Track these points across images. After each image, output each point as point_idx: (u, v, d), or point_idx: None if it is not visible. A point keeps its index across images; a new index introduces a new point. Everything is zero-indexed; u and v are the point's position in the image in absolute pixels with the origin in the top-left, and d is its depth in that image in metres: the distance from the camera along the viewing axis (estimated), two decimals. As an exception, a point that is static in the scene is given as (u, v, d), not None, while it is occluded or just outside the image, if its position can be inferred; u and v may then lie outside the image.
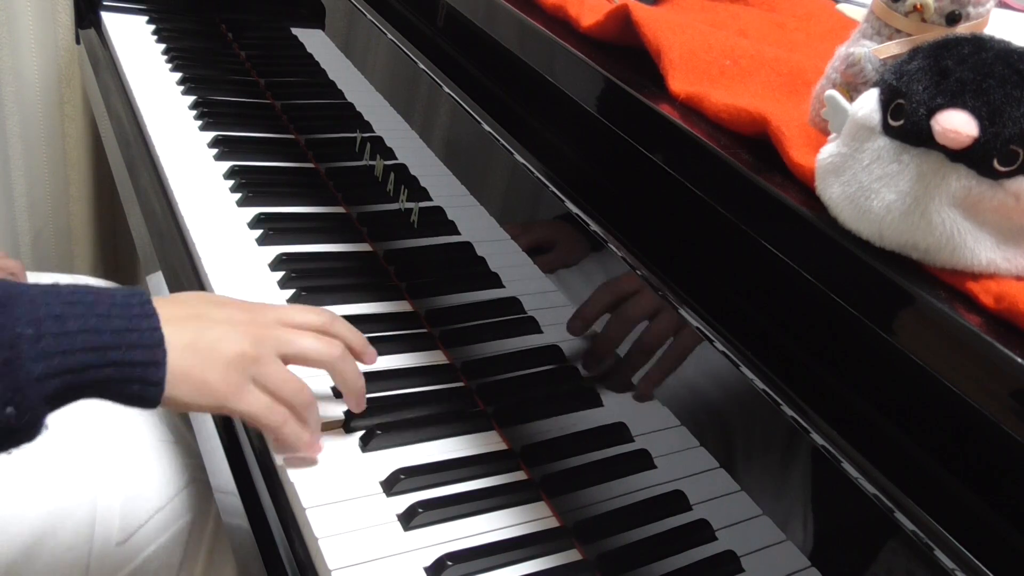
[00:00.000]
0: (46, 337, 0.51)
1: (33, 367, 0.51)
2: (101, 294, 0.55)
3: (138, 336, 0.55)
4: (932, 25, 0.47)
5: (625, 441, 0.61)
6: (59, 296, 0.53)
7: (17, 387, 0.50)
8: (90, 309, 0.54)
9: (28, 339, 0.51)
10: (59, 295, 0.53)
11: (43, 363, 0.51)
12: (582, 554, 0.64)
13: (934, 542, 0.41)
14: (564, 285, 0.67)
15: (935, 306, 0.40)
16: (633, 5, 0.61)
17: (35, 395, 0.51)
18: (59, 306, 0.53)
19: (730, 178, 0.50)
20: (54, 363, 0.51)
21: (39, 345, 0.51)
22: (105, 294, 0.55)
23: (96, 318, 0.53)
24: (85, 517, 0.76)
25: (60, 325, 0.52)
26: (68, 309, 0.53)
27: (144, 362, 0.55)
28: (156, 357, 0.55)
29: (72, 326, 0.52)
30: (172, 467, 0.82)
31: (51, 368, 0.51)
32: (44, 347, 0.51)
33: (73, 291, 0.54)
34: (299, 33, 1.17)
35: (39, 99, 1.50)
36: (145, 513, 0.79)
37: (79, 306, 0.53)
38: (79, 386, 0.53)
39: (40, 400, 0.52)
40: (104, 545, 0.76)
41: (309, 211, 0.98)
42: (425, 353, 0.80)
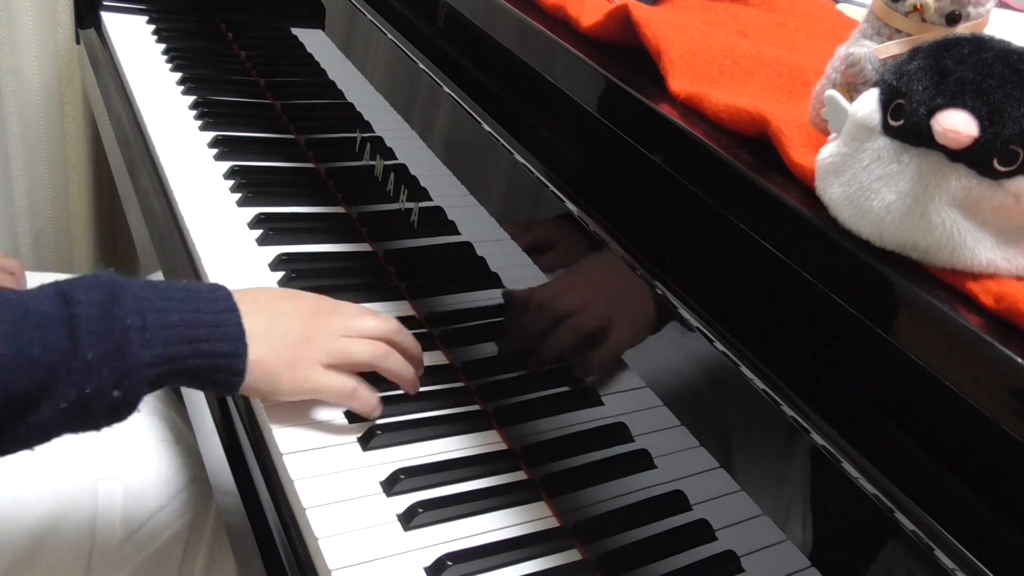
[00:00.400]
0: (151, 328, 0.57)
1: (140, 354, 0.56)
2: (191, 290, 0.61)
3: (224, 331, 0.61)
4: (932, 25, 0.47)
5: (625, 441, 0.61)
6: (157, 291, 0.59)
7: (126, 372, 0.56)
8: (184, 304, 0.59)
9: (136, 329, 0.56)
10: (156, 290, 0.59)
11: (148, 352, 0.57)
12: (582, 554, 0.64)
13: (934, 542, 0.41)
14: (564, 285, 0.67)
15: (935, 306, 0.40)
16: (633, 5, 0.61)
17: (139, 380, 0.57)
18: (159, 300, 0.59)
19: (730, 178, 0.50)
20: (157, 352, 0.57)
21: (145, 335, 0.57)
22: (194, 290, 0.61)
23: (190, 313, 0.59)
24: (86, 516, 0.76)
25: (162, 318, 0.58)
26: (167, 304, 0.59)
27: (229, 353, 0.61)
28: (239, 350, 0.61)
29: (172, 319, 0.58)
30: (173, 466, 0.82)
31: (155, 356, 0.57)
32: (149, 338, 0.57)
33: (167, 287, 0.60)
34: (299, 33, 1.17)
35: (39, 99, 1.50)
36: (146, 512, 0.79)
37: (175, 301, 0.59)
38: (175, 373, 0.59)
39: (143, 384, 0.57)
40: (105, 544, 0.76)
41: (309, 211, 0.98)
42: (425, 353, 0.80)
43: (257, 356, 0.62)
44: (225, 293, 0.62)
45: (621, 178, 0.65)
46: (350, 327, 0.69)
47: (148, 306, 0.57)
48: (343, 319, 0.69)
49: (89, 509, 0.76)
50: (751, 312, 0.53)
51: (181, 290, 0.60)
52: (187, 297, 0.60)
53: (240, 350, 0.61)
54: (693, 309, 0.54)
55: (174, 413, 0.89)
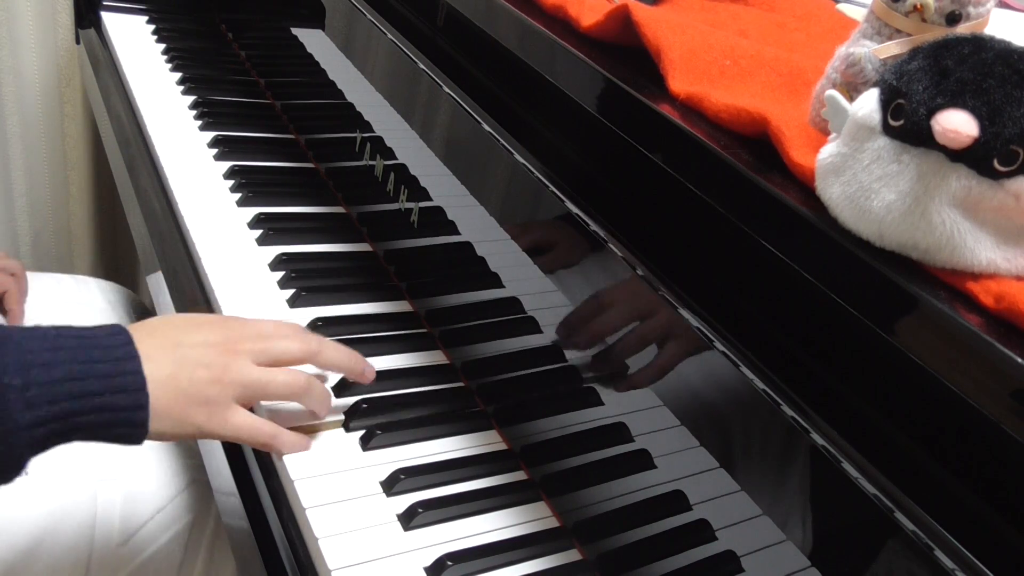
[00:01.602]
0: (33, 386, 0.52)
1: (20, 417, 0.51)
2: (84, 337, 0.56)
3: (121, 380, 0.55)
4: (932, 25, 0.47)
5: (625, 441, 0.61)
6: (45, 341, 0.54)
7: (3, 436, 0.51)
8: (74, 355, 0.54)
9: (16, 389, 0.51)
10: (45, 340, 0.54)
11: (30, 413, 0.52)
12: (582, 554, 0.64)
13: (934, 542, 0.41)
14: (564, 285, 0.67)
15: (935, 306, 0.40)
16: (633, 5, 0.61)
17: (21, 443, 0.52)
18: (45, 352, 0.53)
19: (730, 178, 0.50)
20: (41, 412, 0.52)
21: (27, 395, 0.52)
22: (88, 336, 0.56)
23: (80, 364, 0.54)
24: (85, 518, 0.76)
25: (47, 373, 0.52)
26: (54, 356, 0.53)
27: (128, 406, 0.56)
28: (139, 400, 0.56)
29: (58, 373, 0.53)
30: (172, 468, 0.82)
31: (38, 417, 0.52)
32: (31, 397, 0.52)
33: (57, 335, 0.55)
34: (299, 33, 1.17)
35: (39, 99, 1.50)
36: (146, 514, 0.79)
37: (64, 352, 0.54)
38: (65, 431, 0.54)
39: (25, 447, 0.52)
40: (105, 546, 0.76)
41: (309, 211, 0.98)
42: (425, 353, 0.80)
43: (162, 403, 0.57)
44: (125, 339, 0.57)
45: (621, 178, 0.65)
46: (266, 352, 0.63)
47: (33, 360, 0.52)
48: (257, 345, 0.63)
49: (88, 511, 0.76)
50: (751, 312, 0.53)
51: (73, 338, 0.55)
52: (79, 346, 0.55)
53: (141, 401, 0.56)
54: (693, 309, 0.54)
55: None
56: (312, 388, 0.66)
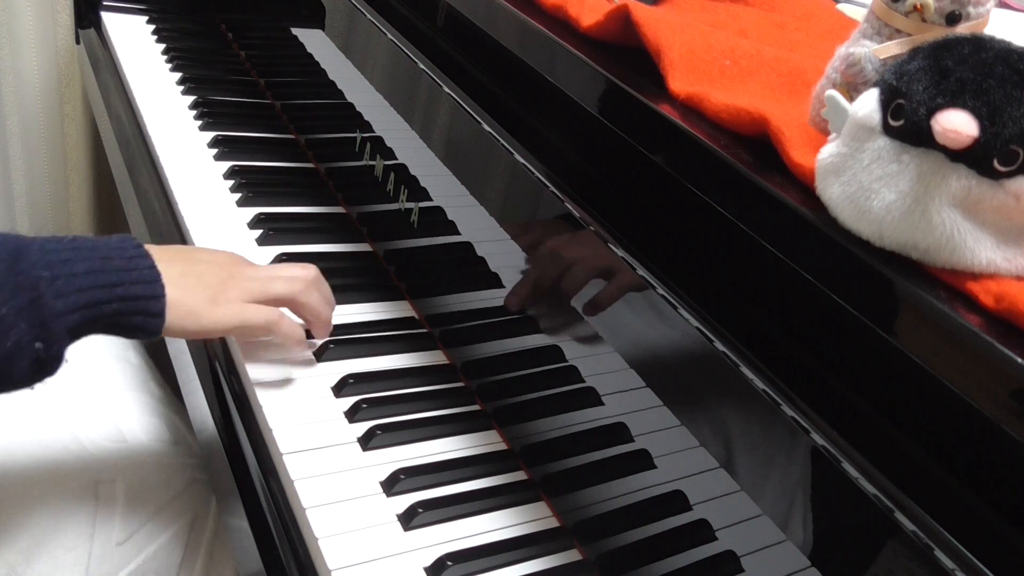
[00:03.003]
0: (60, 278, 0.58)
1: (54, 304, 0.57)
2: (98, 241, 0.62)
3: (137, 274, 0.62)
4: (932, 25, 0.47)
5: (625, 441, 0.61)
6: (62, 243, 0.60)
7: (43, 322, 0.57)
8: (91, 252, 0.60)
9: (46, 280, 0.57)
10: (61, 243, 0.60)
11: (62, 300, 0.57)
12: (582, 554, 0.64)
13: (934, 542, 0.41)
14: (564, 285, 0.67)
15: (935, 306, 0.40)
16: (633, 5, 0.61)
17: (59, 328, 0.57)
18: (65, 251, 0.59)
19: (730, 178, 0.50)
20: (71, 299, 0.58)
21: (56, 285, 0.57)
22: (101, 241, 0.62)
23: (98, 260, 0.60)
24: (86, 516, 0.76)
25: (71, 267, 0.58)
26: (75, 254, 0.59)
27: (145, 296, 0.62)
28: (155, 291, 0.62)
29: (80, 268, 0.59)
30: (172, 467, 0.82)
31: (69, 304, 0.58)
32: (60, 287, 0.58)
33: (72, 239, 0.61)
34: (299, 33, 1.17)
35: (39, 99, 1.50)
36: (145, 513, 0.79)
37: (82, 251, 0.60)
38: (93, 319, 0.59)
39: (63, 333, 0.58)
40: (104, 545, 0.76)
41: (309, 211, 0.98)
42: (425, 353, 0.80)
43: (175, 296, 0.63)
44: (134, 243, 0.63)
45: (621, 178, 0.65)
46: (266, 272, 0.71)
47: (55, 257, 0.58)
48: (260, 267, 0.72)
49: (89, 509, 0.76)
50: (751, 312, 0.53)
51: (88, 241, 0.61)
52: (94, 246, 0.61)
53: (157, 291, 0.62)
54: (693, 309, 0.54)
55: (173, 414, 0.89)
56: (310, 292, 0.72)
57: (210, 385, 0.77)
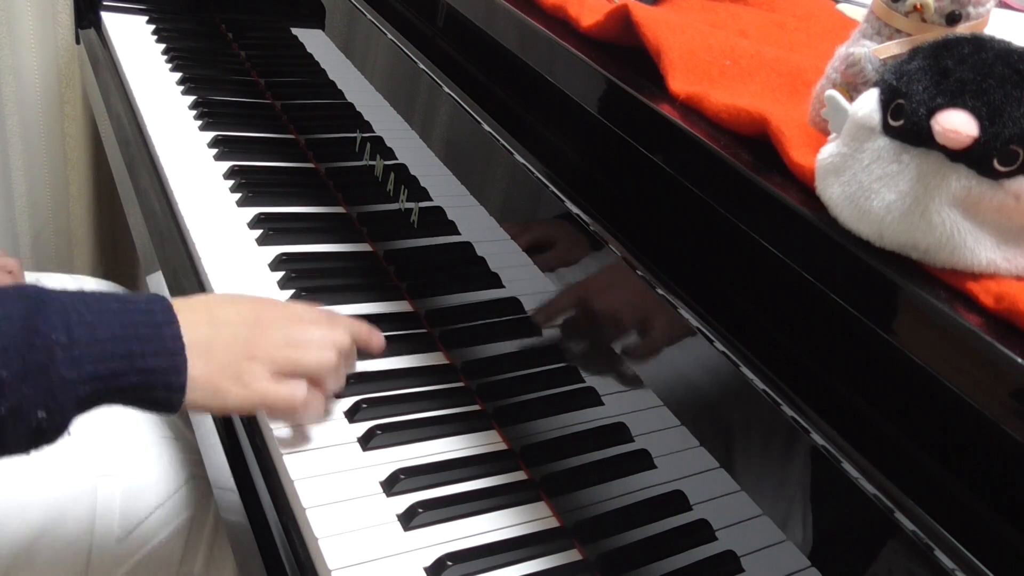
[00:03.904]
0: (78, 344, 0.53)
1: (67, 373, 0.52)
2: (126, 302, 0.57)
3: (161, 344, 0.57)
4: (932, 25, 0.47)
5: (625, 441, 0.61)
6: (88, 304, 0.55)
7: (51, 391, 0.52)
8: (117, 317, 0.55)
9: (62, 346, 0.52)
10: (87, 303, 0.55)
11: (76, 370, 0.53)
12: (582, 554, 0.64)
13: (934, 542, 0.41)
14: (564, 285, 0.67)
15: (935, 306, 0.40)
16: (633, 5, 0.61)
17: (67, 400, 0.53)
18: (89, 314, 0.54)
19: (730, 178, 0.50)
20: (86, 370, 0.53)
21: (72, 352, 0.53)
22: (130, 302, 0.57)
23: (123, 327, 0.55)
24: (85, 513, 0.76)
25: (91, 333, 0.54)
26: (97, 317, 0.54)
27: (167, 369, 0.57)
28: (178, 365, 0.57)
29: (102, 334, 0.54)
30: (172, 463, 0.82)
31: (83, 375, 0.53)
32: (76, 354, 0.53)
33: (100, 298, 0.56)
34: (299, 33, 1.17)
35: (39, 99, 1.50)
36: (145, 509, 0.79)
37: (107, 314, 0.55)
38: (107, 391, 0.55)
39: (71, 405, 0.53)
40: (104, 541, 0.76)
41: (309, 211, 0.98)
42: (425, 353, 0.80)
43: (199, 371, 0.58)
44: (165, 305, 0.58)
45: (621, 178, 0.65)
46: (296, 338, 0.65)
47: (76, 319, 0.53)
48: (289, 328, 0.65)
49: (88, 506, 0.76)
50: (751, 312, 0.53)
51: (115, 301, 0.56)
52: (121, 309, 0.56)
53: (179, 365, 0.57)
54: (693, 309, 0.54)
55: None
56: (341, 368, 0.68)
57: (210, 385, 0.77)
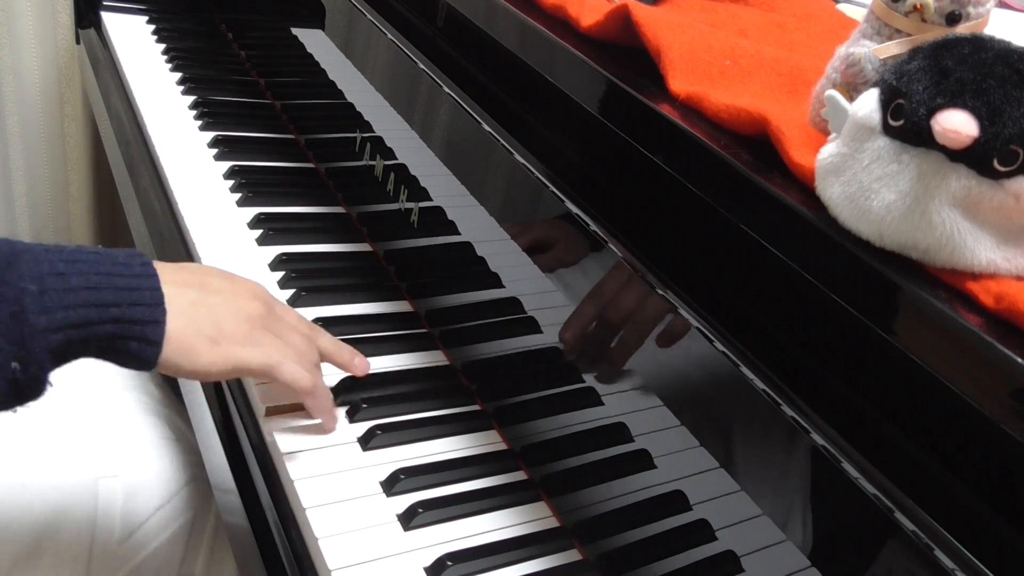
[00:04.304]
0: (49, 292, 0.52)
1: (37, 321, 0.52)
2: (103, 253, 0.56)
3: (139, 295, 0.56)
4: (932, 25, 0.47)
5: (625, 441, 0.61)
6: (61, 254, 0.54)
7: (22, 341, 0.51)
8: (92, 267, 0.55)
9: (32, 294, 0.52)
10: (61, 253, 0.54)
11: (46, 317, 0.52)
12: (582, 554, 0.64)
13: (934, 542, 0.41)
14: (564, 285, 0.67)
15: (935, 306, 0.40)
16: (633, 5, 0.61)
17: (39, 349, 0.52)
18: (62, 263, 0.54)
19: (730, 178, 0.50)
20: (57, 317, 0.52)
21: (43, 300, 0.52)
22: (106, 253, 0.56)
23: (98, 276, 0.54)
24: (86, 514, 0.76)
25: (63, 282, 0.53)
26: (71, 267, 0.54)
27: (144, 320, 0.56)
28: (156, 316, 0.56)
29: (75, 282, 0.53)
30: (173, 465, 0.82)
31: (54, 322, 0.52)
32: (47, 302, 0.52)
33: (76, 250, 0.55)
34: (299, 33, 1.17)
35: (39, 99, 1.50)
36: (146, 511, 0.79)
37: (81, 264, 0.54)
38: (80, 341, 0.54)
39: (44, 354, 0.52)
40: (105, 543, 0.76)
41: (309, 211, 0.98)
42: (425, 353, 0.80)
43: (177, 328, 0.57)
44: (143, 260, 0.58)
45: (621, 178, 0.65)
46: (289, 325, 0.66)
47: (49, 269, 0.53)
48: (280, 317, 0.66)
49: (89, 507, 0.76)
50: (751, 312, 0.53)
51: (91, 253, 0.56)
52: (97, 260, 0.55)
53: (157, 316, 0.56)
54: (693, 309, 0.54)
55: (173, 412, 0.89)
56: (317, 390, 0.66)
57: (210, 386, 0.77)
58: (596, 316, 0.64)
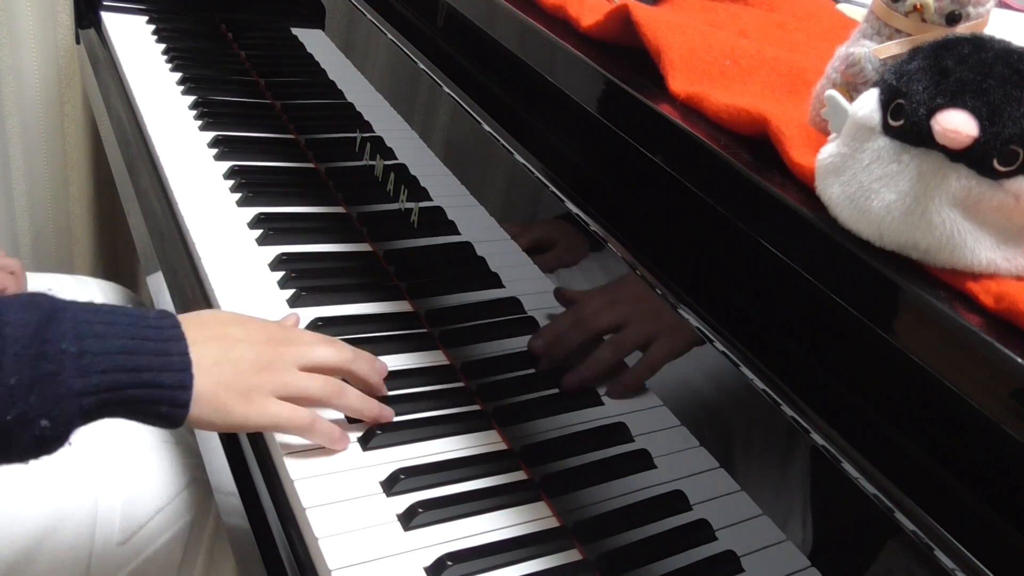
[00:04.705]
0: (87, 355, 0.53)
1: (73, 383, 0.53)
2: (136, 316, 0.57)
3: (169, 360, 0.57)
4: (932, 25, 0.47)
5: (625, 441, 0.61)
6: (98, 315, 0.56)
7: (56, 401, 0.52)
8: (127, 330, 0.56)
9: (71, 356, 0.53)
10: (98, 313, 0.56)
11: (82, 381, 0.53)
12: (582, 554, 0.64)
13: (934, 542, 0.41)
14: (564, 285, 0.67)
15: (935, 306, 0.40)
16: (633, 5, 0.61)
17: (71, 410, 0.53)
18: (99, 325, 0.55)
19: (730, 178, 0.50)
20: (93, 381, 0.53)
21: (81, 362, 0.53)
22: (139, 316, 0.58)
23: (133, 341, 0.56)
24: (86, 517, 0.76)
25: (101, 344, 0.54)
26: (108, 329, 0.55)
27: (173, 385, 0.57)
28: (184, 381, 0.58)
29: (111, 346, 0.54)
30: (173, 467, 0.82)
31: (89, 385, 0.53)
32: (85, 365, 0.53)
33: (111, 311, 0.57)
34: (299, 33, 1.17)
35: (39, 99, 1.50)
36: (146, 513, 0.79)
37: (117, 327, 0.55)
38: (112, 404, 0.55)
39: (75, 415, 0.53)
40: (105, 545, 0.76)
41: (309, 211, 0.98)
42: (425, 353, 0.80)
43: (205, 388, 0.59)
44: (173, 321, 0.59)
45: (621, 178, 0.65)
46: (304, 357, 0.66)
47: (87, 331, 0.54)
48: (297, 348, 0.66)
49: (89, 510, 0.76)
50: (751, 312, 0.53)
51: (125, 315, 0.57)
52: (131, 323, 0.56)
53: (185, 381, 0.58)
54: (693, 309, 0.54)
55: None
56: (346, 393, 0.67)
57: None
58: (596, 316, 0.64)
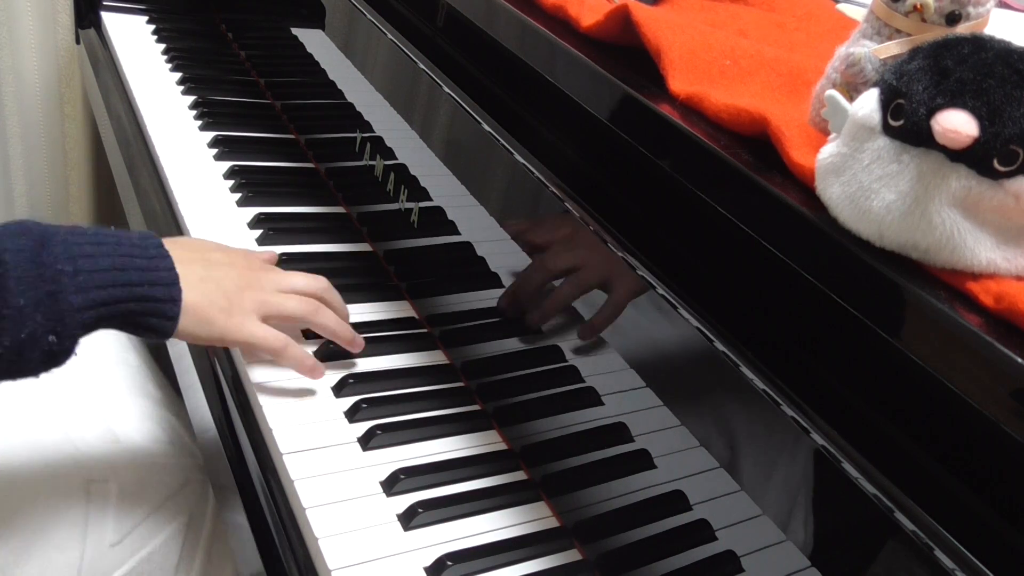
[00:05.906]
0: (82, 273, 0.58)
1: (73, 299, 0.57)
2: (121, 236, 0.62)
3: (157, 275, 0.62)
4: (932, 25, 0.47)
5: (625, 441, 0.61)
6: (86, 237, 0.60)
7: (60, 316, 0.57)
8: (115, 249, 0.61)
9: (68, 275, 0.57)
10: (86, 236, 0.60)
11: (81, 296, 0.58)
12: (582, 554, 0.64)
13: (934, 542, 0.41)
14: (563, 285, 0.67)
15: (935, 306, 0.40)
16: (633, 5, 0.61)
17: (74, 324, 0.58)
18: (88, 246, 0.59)
19: (730, 178, 0.50)
20: (90, 296, 0.58)
21: (77, 279, 0.58)
22: (124, 236, 0.62)
23: (121, 258, 0.60)
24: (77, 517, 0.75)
25: (93, 263, 0.59)
26: (98, 249, 0.60)
27: (163, 298, 0.62)
28: (173, 294, 0.63)
29: (103, 264, 0.59)
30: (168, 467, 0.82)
31: (87, 300, 0.58)
32: (81, 282, 0.58)
33: (95, 232, 0.61)
34: (299, 33, 1.17)
35: (39, 99, 1.50)
36: (140, 514, 0.78)
37: (105, 246, 0.60)
38: (108, 316, 0.60)
39: (77, 328, 0.58)
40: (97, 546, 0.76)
41: (309, 211, 0.98)
42: (425, 353, 0.80)
43: (191, 301, 0.64)
44: (157, 241, 0.64)
45: (621, 178, 0.65)
46: (282, 282, 0.72)
47: (79, 251, 0.58)
48: (274, 274, 0.73)
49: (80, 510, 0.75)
50: (751, 312, 0.53)
51: (111, 236, 0.61)
52: (118, 242, 0.61)
53: (174, 295, 0.63)
54: (693, 309, 0.54)
55: (171, 415, 0.89)
56: (321, 311, 0.73)
57: (211, 386, 0.77)
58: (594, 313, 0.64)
